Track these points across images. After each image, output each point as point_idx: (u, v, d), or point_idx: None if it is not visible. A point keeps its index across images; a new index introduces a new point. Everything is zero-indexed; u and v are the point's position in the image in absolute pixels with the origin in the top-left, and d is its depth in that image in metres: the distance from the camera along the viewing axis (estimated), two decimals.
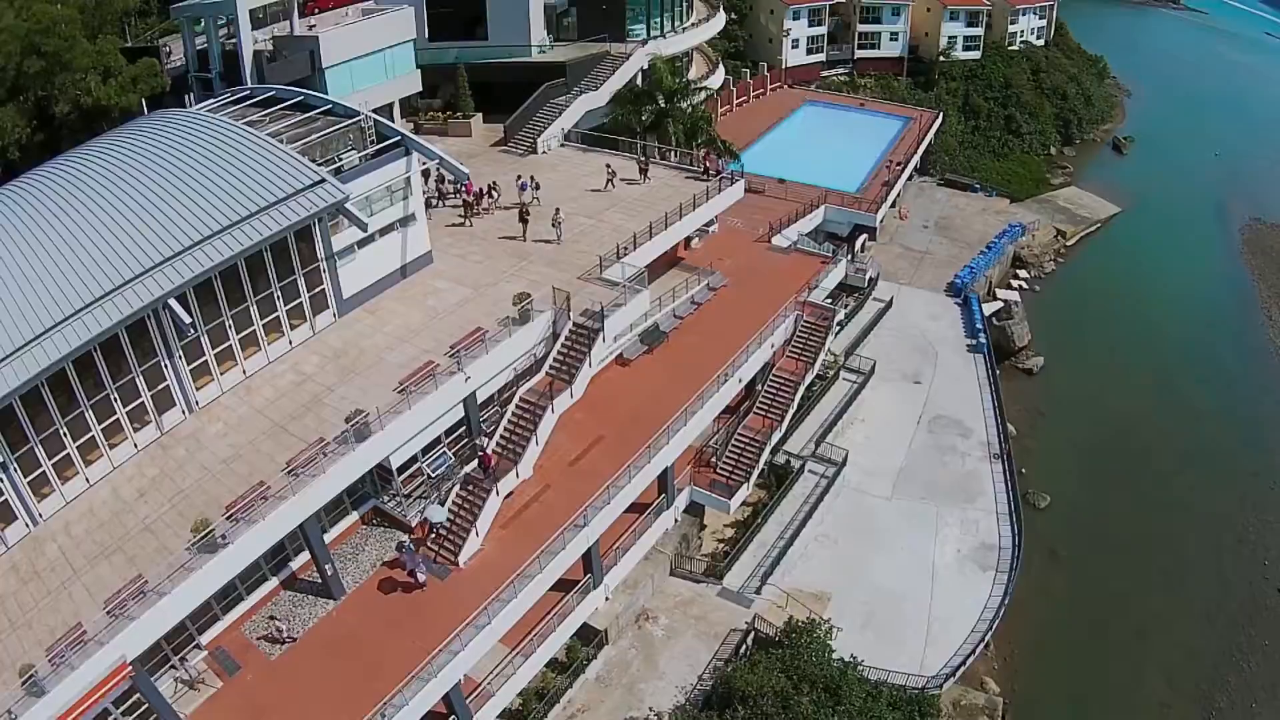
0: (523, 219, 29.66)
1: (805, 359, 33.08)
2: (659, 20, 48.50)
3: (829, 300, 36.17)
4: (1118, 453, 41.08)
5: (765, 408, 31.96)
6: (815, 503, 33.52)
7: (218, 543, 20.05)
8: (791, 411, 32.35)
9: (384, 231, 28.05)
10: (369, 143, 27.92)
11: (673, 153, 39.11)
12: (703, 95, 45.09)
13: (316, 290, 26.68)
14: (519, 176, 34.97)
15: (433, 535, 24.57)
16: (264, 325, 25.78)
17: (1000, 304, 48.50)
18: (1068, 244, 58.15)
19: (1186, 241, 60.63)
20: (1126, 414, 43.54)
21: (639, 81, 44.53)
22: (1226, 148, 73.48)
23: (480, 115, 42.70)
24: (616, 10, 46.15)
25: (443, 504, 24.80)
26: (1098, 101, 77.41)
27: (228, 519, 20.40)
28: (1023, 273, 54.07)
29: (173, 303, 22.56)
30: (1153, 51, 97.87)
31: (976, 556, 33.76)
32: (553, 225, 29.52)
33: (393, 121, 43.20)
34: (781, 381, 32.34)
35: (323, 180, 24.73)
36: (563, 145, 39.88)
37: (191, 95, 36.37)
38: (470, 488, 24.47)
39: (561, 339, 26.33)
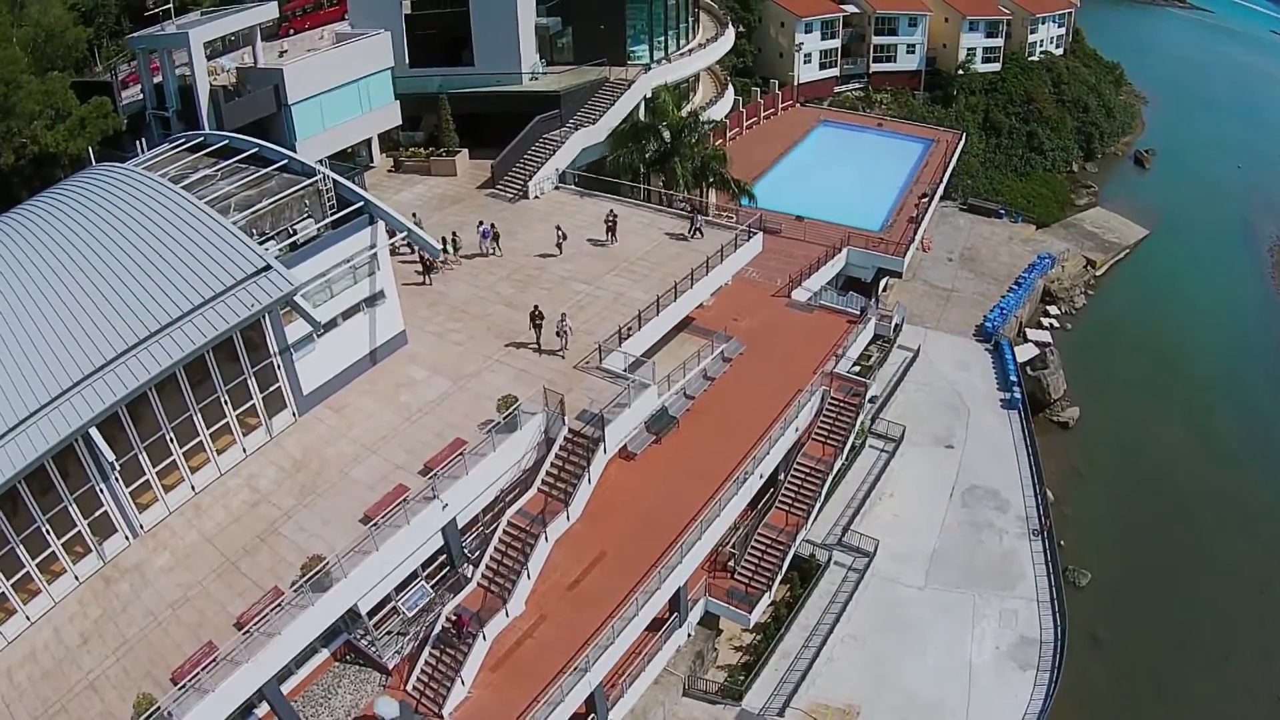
0: (535, 323, 25.47)
1: (834, 442, 29.33)
2: (663, 40, 44.37)
3: (855, 370, 32.31)
4: (1157, 514, 38.28)
5: (789, 501, 28.25)
6: (844, 603, 29.89)
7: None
8: (819, 505, 28.64)
9: (348, 314, 24.28)
10: (328, 208, 24.05)
11: (680, 195, 35.22)
12: (713, 124, 41.06)
13: (271, 389, 22.97)
14: (480, 223, 31.23)
15: None
16: (211, 434, 22.20)
17: (1034, 350, 44.83)
18: (1097, 274, 54.64)
19: (1217, 267, 57.82)
20: (1165, 468, 40.82)
21: (642, 112, 40.54)
22: (1247, 158, 71.16)
23: (466, 151, 38.68)
24: (616, 30, 41.98)
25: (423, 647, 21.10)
26: (1118, 113, 74.04)
27: (176, 686, 17.56)
28: (1053, 309, 50.47)
29: (94, 433, 18.96)
30: (1162, 54, 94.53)
31: (1016, 653, 30.38)
32: (556, 334, 25.21)
33: (371, 158, 39.71)
34: (808, 470, 28.60)
35: (268, 267, 20.89)
36: (557, 188, 35.89)
37: (143, 141, 32.33)
38: (448, 648, 20.74)
39: (555, 449, 22.55)
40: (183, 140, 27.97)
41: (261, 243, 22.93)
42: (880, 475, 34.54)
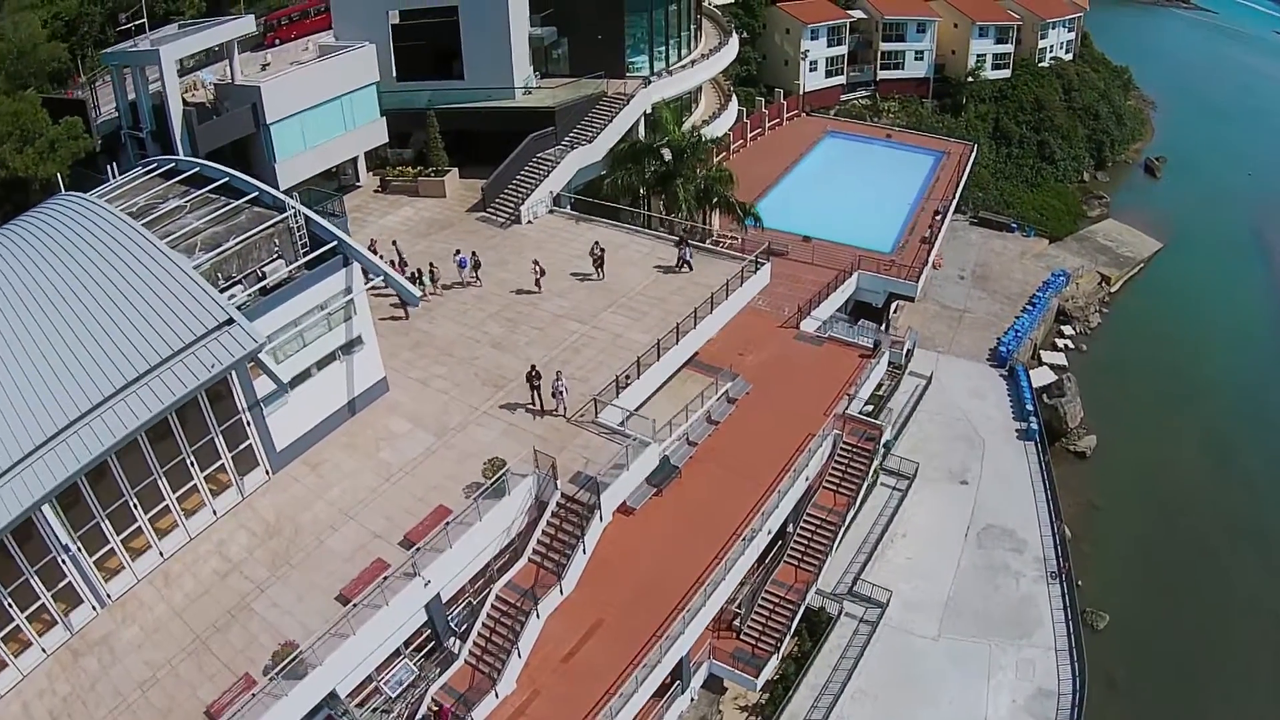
0: (532, 384, 23.30)
1: (847, 490, 27.58)
2: (664, 50, 42.42)
3: (868, 409, 30.49)
4: (1176, 548, 36.96)
5: (799, 555, 26.52)
6: (855, 658, 28.21)
7: None
8: (831, 557, 26.93)
9: (323, 363, 22.47)
10: (299, 249, 22.25)
11: (680, 220, 33.30)
12: (716, 141, 39.09)
13: (241, 447, 21.21)
14: (457, 251, 29.47)
15: None
16: (178, 497, 20.48)
17: (1049, 374, 43.12)
18: (1112, 291, 52.98)
19: (1233, 282, 56.33)
20: (1184, 498, 39.51)
21: (641, 128, 38.62)
22: (1256, 164, 69.89)
23: (456, 171, 36.74)
24: (614, 40, 40.02)
25: None
26: (1128, 119, 72.40)
27: None
28: (1067, 329, 48.75)
29: (47, 513, 17.35)
30: (1167, 55, 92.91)
31: (1033, 707, 28.85)
32: (553, 395, 23.27)
33: (357, 176, 37.83)
34: (818, 522, 26.86)
35: (231, 321, 19.13)
36: (551, 212, 34.01)
37: (113, 167, 30.38)
38: None
39: (547, 516, 20.79)
40: (154, 165, 26.20)
41: (228, 287, 21.22)
42: (893, 517, 32.87)
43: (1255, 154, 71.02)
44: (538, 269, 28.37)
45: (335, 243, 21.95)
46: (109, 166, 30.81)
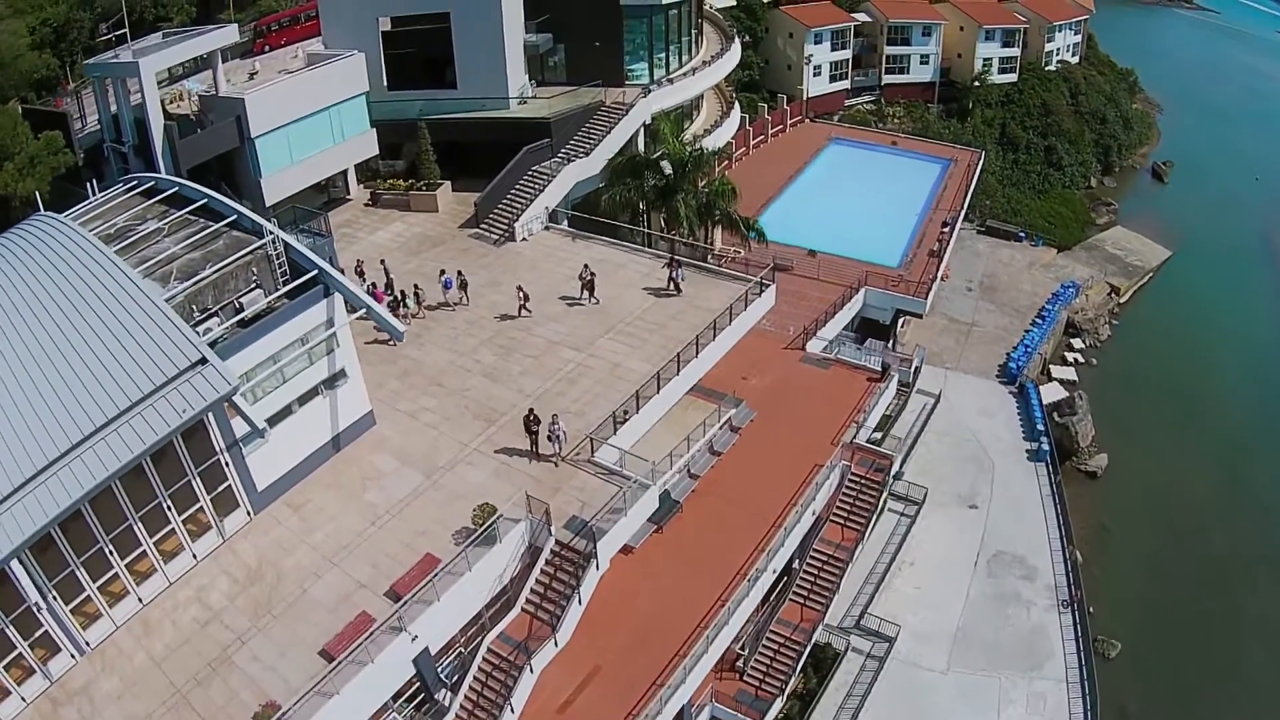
0: (530, 429, 22.10)
1: (855, 524, 26.49)
2: (664, 56, 41.23)
3: (877, 437, 29.42)
4: (1188, 571, 36.08)
5: (805, 593, 25.46)
6: (862, 696, 27.19)
7: None
8: (838, 594, 25.88)
9: (304, 399, 21.37)
10: (279, 278, 21.14)
11: (681, 238, 32.18)
12: (718, 153, 37.91)
13: (220, 488, 20.16)
14: (442, 272, 28.37)
15: None
16: (155, 541, 19.48)
17: (1059, 390, 42.06)
18: (1121, 302, 51.91)
19: (1242, 290, 55.44)
20: (1195, 519, 38.58)
21: (641, 140, 37.45)
22: (1263, 168, 69.05)
23: (448, 184, 35.60)
24: (613, 47, 38.82)
25: None
26: (1135, 123, 71.20)
27: None
28: (1077, 342, 47.69)
29: (16, 568, 16.44)
30: (1170, 56, 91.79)
31: None
32: (549, 439, 22.08)
33: (348, 189, 36.70)
34: (825, 558, 25.77)
35: (204, 360, 18.02)
36: (547, 228, 32.88)
37: (92, 184, 29.23)
38: None
39: (541, 564, 19.72)
40: (134, 184, 25.12)
41: (204, 319, 20.15)
42: (901, 545, 31.83)
43: (1262, 157, 70.23)
44: (521, 295, 27.17)
45: (316, 272, 20.84)
46: (90, 182, 29.71)
